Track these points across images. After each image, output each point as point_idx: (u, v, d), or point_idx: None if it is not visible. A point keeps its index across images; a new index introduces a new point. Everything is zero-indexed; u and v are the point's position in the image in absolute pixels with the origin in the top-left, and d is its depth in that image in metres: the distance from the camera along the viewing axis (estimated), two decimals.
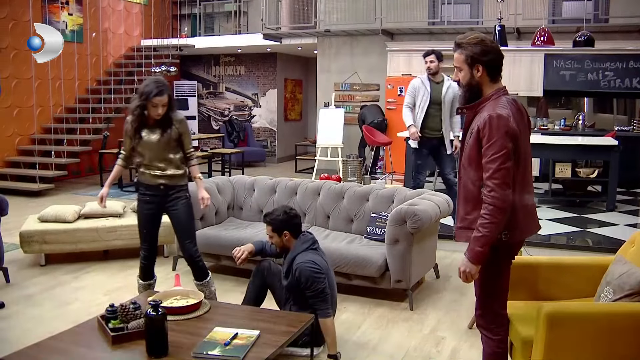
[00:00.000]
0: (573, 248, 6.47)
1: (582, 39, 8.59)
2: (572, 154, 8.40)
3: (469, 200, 2.94)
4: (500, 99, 2.87)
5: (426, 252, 5.20)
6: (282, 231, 3.95)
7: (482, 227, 2.77)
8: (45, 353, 3.09)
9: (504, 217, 2.76)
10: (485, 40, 2.89)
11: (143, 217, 4.45)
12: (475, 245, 2.80)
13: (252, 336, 3.20)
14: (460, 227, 3.01)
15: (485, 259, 2.82)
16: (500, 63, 2.93)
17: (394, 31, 12.03)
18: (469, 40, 2.89)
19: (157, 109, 4.20)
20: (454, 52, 2.97)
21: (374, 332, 4.40)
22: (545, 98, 11.23)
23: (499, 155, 2.74)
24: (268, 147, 15.21)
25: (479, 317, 3.11)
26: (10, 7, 10.85)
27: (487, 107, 2.86)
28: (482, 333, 3.12)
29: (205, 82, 15.88)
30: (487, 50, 2.87)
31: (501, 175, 2.73)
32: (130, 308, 3.36)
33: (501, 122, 2.75)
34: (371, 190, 5.66)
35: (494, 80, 2.93)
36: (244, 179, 6.35)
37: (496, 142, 2.74)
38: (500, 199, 2.73)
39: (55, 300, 5.04)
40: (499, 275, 3.00)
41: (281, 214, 3.96)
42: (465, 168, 2.96)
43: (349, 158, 7.24)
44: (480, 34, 2.94)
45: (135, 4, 14.06)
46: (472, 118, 2.96)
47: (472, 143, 2.88)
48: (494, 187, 2.74)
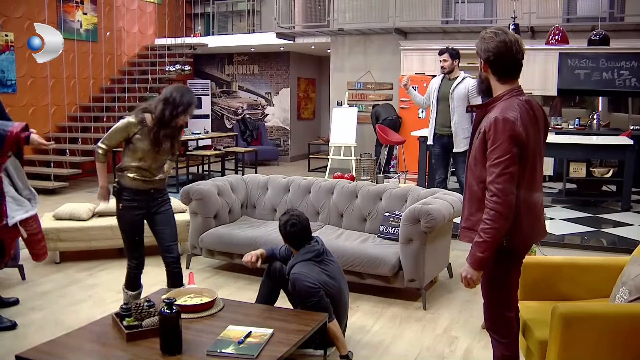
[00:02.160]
0: (587, 248, 6.43)
1: (597, 37, 8.54)
2: (586, 153, 8.33)
3: (473, 201, 2.91)
4: (512, 101, 2.80)
5: (439, 252, 5.19)
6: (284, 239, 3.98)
7: (484, 232, 2.73)
8: (60, 350, 3.11)
9: (506, 223, 2.72)
10: (495, 39, 2.80)
11: (133, 223, 4.20)
12: (477, 250, 2.76)
13: (266, 334, 3.20)
14: (464, 227, 2.98)
15: (487, 264, 2.79)
16: (507, 65, 2.84)
17: (408, 30, 12.00)
18: (484, 34, 2.86)
19: (187, 117, 4.17)
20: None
21: (387, 332, 4.39)
22: (560, 97, 11.16)
23: (503, 160, 2.69)
24: (281, 146, 15.23)
25: (486, 321, 3.09)
26: (26, 6, 10.93)
27: (496, 109, 2.81)
28: (491, 336, 3.10)
29: (218, 81, 15.92)
30: (488, 49, 2.81)
31: (504, 180, 2.69)
32: (145, 306, 3.37)
33: (507, 125, 2.70)
34: (385, 189, 5.65)
35: (502, 81, 2.87)
36: (258, 178, 6.36)
37: (500, 145, 2.70)
38: (502, 204, 2.69)
39: (70, 298, 5.07)
40: (503, 279, 2.96)
41: (280, 226, 3.94)
42: (472, 168, 2.92)
43: (362, 157, 7.24)
44: (500, 32, 2.84)
45: (149, 3, 14.12)
46: (481, 118, 2.92)
47: (478, 144, 2.85)
48: (496, 192, 2.69)
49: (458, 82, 6.65)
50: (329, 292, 3.76)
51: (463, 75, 6.71)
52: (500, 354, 3.05)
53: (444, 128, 6.76)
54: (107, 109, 12.17)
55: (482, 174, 2.82)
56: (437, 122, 6.81)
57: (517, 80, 2.91)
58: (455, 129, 6.67)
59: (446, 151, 6.88)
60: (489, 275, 2.87)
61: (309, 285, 3.66)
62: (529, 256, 3.84)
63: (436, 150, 6.92)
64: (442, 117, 6.76)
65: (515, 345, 3.06)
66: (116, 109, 12.16)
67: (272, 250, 4.20)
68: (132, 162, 4.15)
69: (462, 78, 6.68)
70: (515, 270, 2.99)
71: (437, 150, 6.91)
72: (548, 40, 8.74)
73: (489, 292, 3.00)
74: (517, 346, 3.08)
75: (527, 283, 3.64)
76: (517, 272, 3.00)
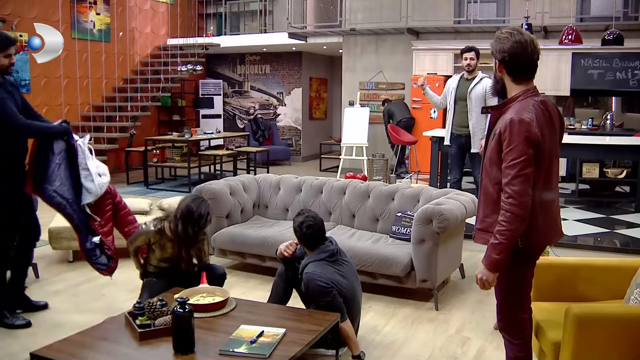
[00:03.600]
0: (600, 249, 6.39)
1: (611, 37, 8.49)
2: (599, 154, 8.27)
3: (488, 202, 2.89)
4: (527, 102, 2.78)
5: (452, 252, 5.18)
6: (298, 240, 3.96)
7: (499, 234, 2.72)
8: (74, 348, 3.13)
9: (521, 225, 2.71)
10: (510, 39, 2.79)
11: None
12: (492, 252, 2.75)
13: (278, 334, 3.20)
14: (479, 228, 2.96)
15: (503, 266, 2.78)
16: (522, 66, 2.82)
17: (420, 30, 11.98)
18: (498, 34, 2.85)
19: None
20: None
21: (399, 332, 4.39)
22: (573, 97, 11.10)
23: (519, 162, 2.68)
24: (293, 146, 15.24)
25: (499, 322, 3.08)
26: (40, 7, 11.00)
27: (512, 109, 2.79)
28: (504, 337, 3.08)
29: (230, 80, 15.95)
30: (503, 50, 2.80)
31: (520, 182, 2.67)
32: (158, 305, 3.39)
33: (522, 127, 2.68)
34: (397, 190, 5.64)
35: (517, 82, 2.85)
36: (270, 178, 6.37)
37: (516, 147, 2.69)
38: (518, 206, 2.67)
39: (83, 296, 5.10)
40: (518, 280, 2.95)
41: (296, 226, 3.91)
42: (487, 170, 2.91)
43: (374, 157, 7.23)
44: (515, 32, 2.82)
45: (161, 3, 14.17)
46: (497, 119, 2.90)
47: (493, 145, 2.83)
48: (512, 193, 2.68)
49: (476, 82, 6.59)
50: (342, 292, 3.76)
51: (481, 76, 6.64)
52: (513, 355, 3.04)
53: (462, 128, 6.73)
54: (119, 108, 12.22)
55: (497, 176, 2.81)
56: (454, 122, 6.77)
57: (533, 80, 2.89)
58: (473, 129, 6.62)
59: (462, 151, 6.84)
60: (504, 276, 2.86)
61: (322, 285, 3.66)
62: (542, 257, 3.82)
63: (452, 151, 6.88)
64: (459, 117, 6.72)
65: (529, 347, 3.04)
66: (129, 109, 12.22)
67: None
68: (153, 262, 4.23)
69: (480, 78, 6.61)
70: (529, 271, 2.98)
71: (454, 151, 6.87)
72: (561, 40, 8.69)
73: (503, 293, 2.98)
74: (530, 347, 3.06)
75: (540, 284, 3.63)
76: (531, 273, 2.99)
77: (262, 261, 5.50)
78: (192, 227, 3.99)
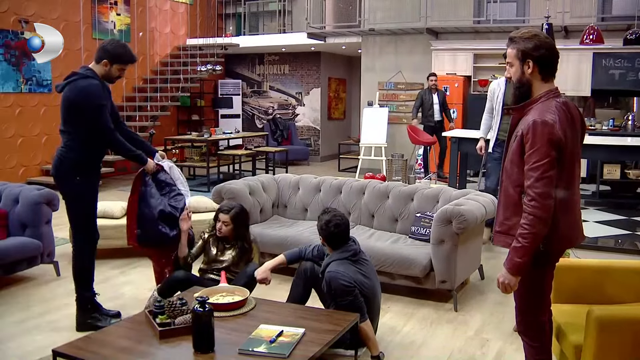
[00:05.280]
0: (622, 251, 6.35)
1: (633, 37, 8.41)
2: (621, 154, 8.19)
3: (509, 205, 2.86)
4: (549, 103, 2.76)
5: (471, 253, 5.16)
6: (323, 238, 3.95)
7: (522, 237, 2.69)
8: (95, 346, 3.16)
9: (544, 228, 2.67)
10: (539, 35, 2.79)
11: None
12: (515, 256, 2.72)
13: (298, 334, 3.21)
14: (498, 231, 2.94)
15: (525, 269, 2.74)
16: (554, 61, 2.82)
17: (439, 30, 11.94)
18: (522, 34, 2.82)
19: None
20: (507, 48, 2.89)
21: (418, 333, 4.38)
22: (593, 98, 11.01)
23: (542, 164, 2.64)
24: (311, 146, 15.25)
25: (518, 324, 3.04)
26: (63, 8, 11.10)
27: (534, 110, 2.76)
28: (523, 339, 3.06)
29: (249, 80, 16.00)
30: (539, 45, 2.77)
31: (543, 185, 2.64)
32: (177, 304, 3.41)
33: (546, 129, 2.65)
34: (416, 190, 5.63)
35: (546, 79, 2.82)
36: (289, 178, 6.38)
37: (539, 149, 2.65)
38: (541, 208, 2.64)
39: (103, 295, 5.12)
40: (538, 283, 2.91)
41: (322, 225, 3.90)
42: (508, 172, 2.88)
43: (393, 157, 7.21)
44: (535, 29, 2.84)
45: (181, 3, 14.24)
46: (518, 120, 2.88)
47: (515, 147, 2.80)
48: (535, 196, 2.65)
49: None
50: (364, 291, 3.76)
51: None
52: (533, 358, 3.01)
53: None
54: (139, 108, 12.30)
55: (518, 178, 2.78)
56: (500, 128, 6.59)
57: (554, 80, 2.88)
58: None
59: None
60: (524, 278, 2.82)
61: (344, 284, 3.66)
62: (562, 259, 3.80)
63: (496, 155, 6.62)
64: (507, 122, 6.58)
65: (548, 349, 3.01)
66: (148, 109, 12.30)
67: (298, 254, 4.21)
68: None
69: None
70: (549, 274, 2.94)
71: (497, 155, 6.60)
72: (582, 40, 8.61)
73: (523, 296, 2.94)
74: (550, 350, 3.03)
75: (561, 286, 3.60)
76: (550, 275, 2.96)
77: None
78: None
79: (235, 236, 4.40)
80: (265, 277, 4.09)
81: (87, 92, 4.10)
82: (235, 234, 4.39)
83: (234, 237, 4.40)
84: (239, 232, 4.41)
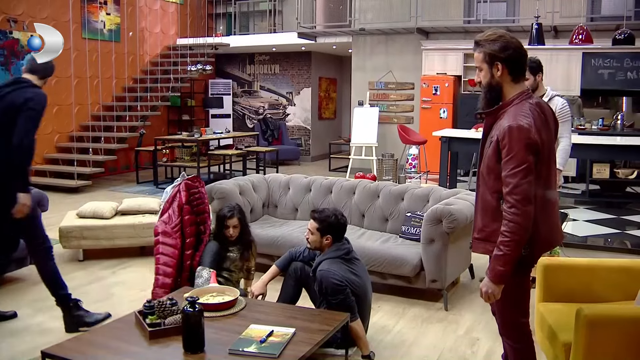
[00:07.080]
0: (611, 250, 6.38)
1: (622, 36, 8.43)
2: (610, 154, 8.20)
3: (487, 211, 2.82)
4: (522, 105, 2.72)
5: (461, 252, 5.17)
6: (326, 233, 3.92)
7: (503, 245, 2.64)
8: (85, 346, 3.14)
9: (525, 234, 2.64)
10: (505, 36, 2.75)
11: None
12: (497, 264, 2.68)
13: (288, 334, 3.21)
14: (477, 238, 2.90)
15: (508, 277, 2.70)
16: (523, 61, 2.78)
17: (429, 30, 11.97)
18: (487, 37, 2.77)
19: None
20: (474, 52, 2.85)
21: (409, 332, 4.38)
22: (583, 97, 11.05)
23: (520, 170, 2.60)
24: (302, 146, 15.24)
25: (500, 327, 3.03)
26: (52, 7, 11.05)
27: (507, 114, 2.71)
28: (505, 342, 3.06)
29: (240, 80, 15.98)
30: (506, 46, 2.73)
31: (522, 191, 2.60)
32: (167, 304, 3.40)
33: (522, 134, 2.61)
34: (406, 190, 5.63)
35: (516, 81, 2.78)
36: (279, 177, 6.37)
37: (516, 155, 2.61)
38: (521, 215, 2.60)
39: (93, 295, 5.11)
40: (519, 286, 2.87)
41: (332, 217, 3.91)
42: (484, 178, 2.83)
43: (383, 157, 7.21)
44: (500, 30, 2.80)
45: (171, 3, 14.21)
46: (491, 124, 2.83)
47: (491, 153, 2.75)
48: (514, 203, 2.60)
49: (546, 101, 5.29)
50: (355, 290, 3.76)
51: (551, 93, 5.54)
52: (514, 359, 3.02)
53: None
54: (129, 108, 12.26)
55: (495, 184, 2.75)
56: None
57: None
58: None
59: None
60: (505, 284, 2.77)
61: (336, 283, 3.67)
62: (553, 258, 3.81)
63: None
64: None
65: (530, 350, 3.00)
66: (138, 109, 12.26)
67: (289, 259, 4.22)
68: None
69: (550, 97, 5.52)
70: (528, 276, 2.92)
71: None
72: (572, 40, 8.64)
73: (505, 300, 2.87)
74: (533, 350, 3.01)
75: (551, 285, 3.62)
76: (528, 277, 2.94)
77: (271, 261, 5.47)
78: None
79: (240, 234, 4.54)
80: (262, 292, 4.11)
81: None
82: (241, 232, 4.54)
83: (239, 235, 4.53)
84: (244, 230, 4.58)
